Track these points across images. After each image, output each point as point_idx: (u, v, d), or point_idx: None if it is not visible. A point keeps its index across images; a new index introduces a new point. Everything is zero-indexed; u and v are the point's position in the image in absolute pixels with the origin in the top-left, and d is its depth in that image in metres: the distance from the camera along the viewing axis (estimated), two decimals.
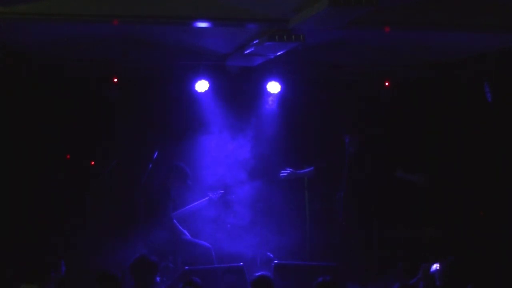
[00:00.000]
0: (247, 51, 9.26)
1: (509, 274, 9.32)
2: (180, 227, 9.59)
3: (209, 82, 10.72)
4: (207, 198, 9.87)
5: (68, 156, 10.72)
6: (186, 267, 8.57)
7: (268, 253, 10.65)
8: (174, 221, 9.64)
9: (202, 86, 10.71)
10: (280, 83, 10.92)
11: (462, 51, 9.81)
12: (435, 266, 6.66)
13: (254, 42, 8.83)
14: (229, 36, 9.16)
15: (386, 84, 11.27)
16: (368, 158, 10.16)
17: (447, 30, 8.38)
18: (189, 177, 9.74)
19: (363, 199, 10.30)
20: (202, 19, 7.75)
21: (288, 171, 10.21)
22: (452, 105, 11.15)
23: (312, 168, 10.27)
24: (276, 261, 9.24)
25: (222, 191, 10.02)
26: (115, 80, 10.75)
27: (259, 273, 6.96)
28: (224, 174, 10.54)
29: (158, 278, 9.39)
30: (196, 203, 9.85)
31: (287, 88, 10.98)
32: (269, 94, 11.02)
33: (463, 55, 9.98)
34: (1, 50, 9.35)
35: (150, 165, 9.84)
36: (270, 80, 10.90)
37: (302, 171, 10.30)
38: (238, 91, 11.13)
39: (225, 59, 10.49)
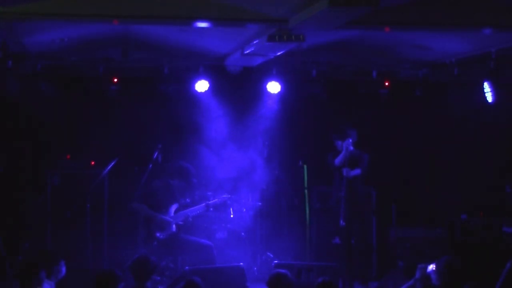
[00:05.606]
0: (247, 51, 9.27)
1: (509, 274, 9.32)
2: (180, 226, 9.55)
3: (209, 82, 10.72)
4: (203, 204, 9.64)
5: (68, 156, 10.72)
6: (186, 267, 8.54)
7: (268, 253, 10.65)
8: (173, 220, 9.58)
9: (202, 86, 10.71)
10: (280, 83, 10.91)
11: (462, 51, 9.81)
12: (432, 267, 6.64)
13: (254, 42, 8.83)
14: (229, 36, 9.16)
15: (386, 84, 11.27)
16: (367, 158, 10.17)
17: (447, 30, 8.38)
18: (193, 175, 9.59)
19: (363, 199, 10.31)
20: (202, 19, 7.75)
21: None
22: (452, 105, 11.15)
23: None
24: (276, 261, 9.23)
25: (224, 196, 9.79)
26: (115, 80, 10.75)
27: (276, 271, 6.80)
28: (224, 174, 10.54)
29: (158, 278, 9.40)
30: (193, 208, 9.59)
31: (287, 88, 10.98)
32: (269, 94, 11.02)
33: (463, 55, 9.98)
34: (1, 50, 9.33)
35: (150, 165, 9.83)
36: (270, 80, 10.90)
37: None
38: (238, 91, 11.13)
39: (225, 59, 10.49)
